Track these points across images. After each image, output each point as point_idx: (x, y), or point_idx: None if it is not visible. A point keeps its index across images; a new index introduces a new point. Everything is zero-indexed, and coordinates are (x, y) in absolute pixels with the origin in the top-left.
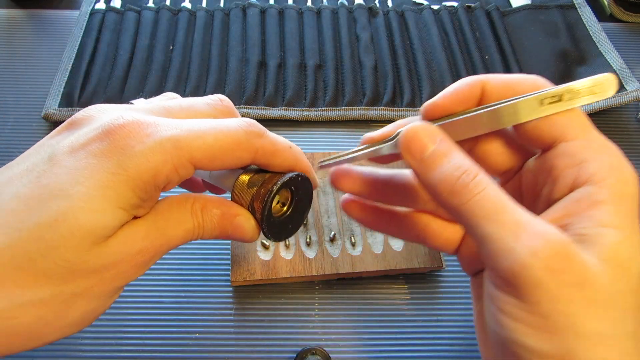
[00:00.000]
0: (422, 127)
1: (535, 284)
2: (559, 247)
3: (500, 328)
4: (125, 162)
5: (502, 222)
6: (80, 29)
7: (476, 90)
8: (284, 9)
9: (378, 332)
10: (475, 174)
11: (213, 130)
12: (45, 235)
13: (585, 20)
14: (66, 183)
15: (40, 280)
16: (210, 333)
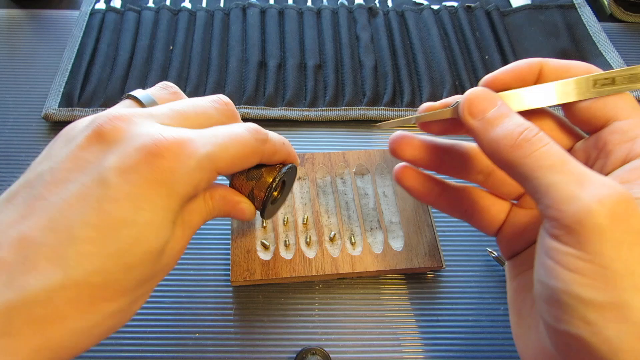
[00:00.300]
0: (483, 91)
1: (599, 231)
2: (625, 197)
3: (555, 280)
4: (175, 185)
5: (568, 172)
6: (80, 29)
7: (535, 69)
8: (284, 9)
9: (378, 332)
10: (537, 131)
11: (233, 142)
12: (125, 259)
13: (585, 20)
14: (131, 211)
15: (120, 294)
16: (210, 333)
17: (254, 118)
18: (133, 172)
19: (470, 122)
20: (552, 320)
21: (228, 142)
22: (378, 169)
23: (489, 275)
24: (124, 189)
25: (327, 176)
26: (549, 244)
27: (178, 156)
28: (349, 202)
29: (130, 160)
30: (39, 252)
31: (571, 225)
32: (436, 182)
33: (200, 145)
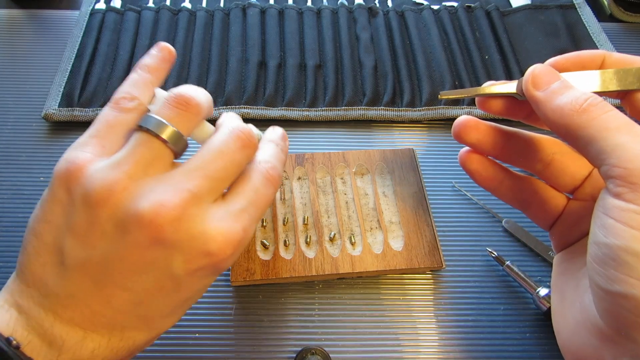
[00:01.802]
0: (547, 67)
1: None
2: None
3: (613, 237)
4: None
5: (635, 133)
6: (80, 29)
7: (597, 60)
8: (284, 9)
9: (378, 332)
10: (602, 99)
11: (265, 206)
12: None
13: (585, 20)
14: (192, 295)
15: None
16: (210, 333)
17: (254, 118)
18: (199, 271)
19: (535, 93)
20: (606, 282)
21: (264, 208)
22: (378, 169)
23: (489, 275)
24: (192, 286)
25: (327, 176)
26: (612, 203)
27: (234, 255)
28: (349, 202)
29: (196, 264)
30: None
31: (636, 181)
32: (500, 169)
33: (249, 232)
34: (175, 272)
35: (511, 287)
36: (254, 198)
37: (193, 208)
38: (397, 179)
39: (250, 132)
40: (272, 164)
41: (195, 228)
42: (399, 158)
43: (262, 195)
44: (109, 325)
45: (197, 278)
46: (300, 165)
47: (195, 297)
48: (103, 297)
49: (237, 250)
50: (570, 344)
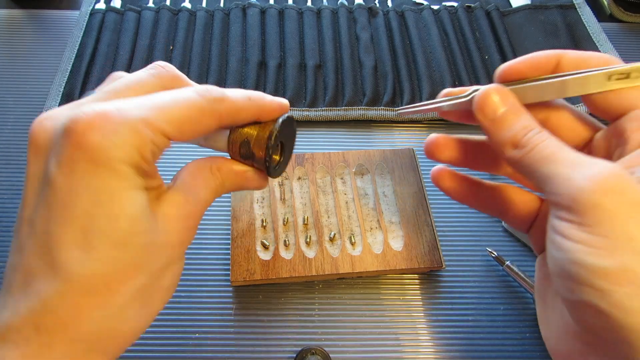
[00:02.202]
0: (495, 90)
1: (593, 205)
2: (613, 174)
3: (563, 252)
4: (112, 156)
5: (562, 159)
6: (80, 29)
7: (552, 60)
8: (284, 9)
9: (378, 332)
10: (539, 130)
11: (175, 103)
12: (111, 240)
13: (585, 20)
14: (87, 200)
15: (131, 272)
16: (210, 333)
17: None
18: (70, 163)
19: (482, 120)
20: (567, 293)
21: (168, 104)
22: (378, 169)
23: (489, 275)
24: (71, 184)
25: (327, 176)
26: (555, 222)
27: (103, 127)
28: (349, 202)
29: (63, 153)
30: (36, 268)
31: (569, 204)
32: (472, 183)
33: (129, 112)
34: (51, 179)
35: (511, 287)
36: (160, 96)
37: (66, 109)
38: (397, 179)
39: (169, 65)
40: (210, 87)
41: (60, 120)
42: (399, 158)
43: (177, 96)
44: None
45: (71, 172)
46: (300, 165)
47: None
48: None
49: (103, 125)
50: (557, 350)
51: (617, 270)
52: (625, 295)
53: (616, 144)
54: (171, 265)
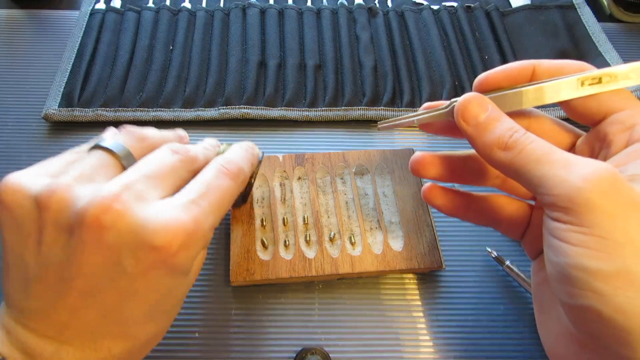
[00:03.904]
0: (475, 97)
1: (591, 206)
2: (608, 173)
3: (562, 256)
4: (190, 264)
5: (554, 161)
6: (80, 29)
7: (528, 70)
8: (284, 9)
9: (378, 332)
10: (524, 132)
11: (224, 199)
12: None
13: (585, 20)
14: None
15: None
16: (210, 333)
17: (254, 118)
18: (151, 269)
19: (465, 127)
20: (566, 297)
21: (222, 203)
22: (378, 169)
23: (489, 275)
24: (151, 287)
25: (327, 176)
26: (552, 225)
27: (187, 249)
28: (349, 202)
29: (145, 260)
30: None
31: (566, 205)
32: (462, 196)
33: (204, 224)
34: (127, 271)
35: (511, 287)
36: (204, 190)
37: (134, 202)
38: (397, 179)
39: (183, 147)
40: (228, 159)
41: (136, 222)
42: (399, 158)
43: (215, 187)
44: (79, 336)
45: (153, 277)
46: (300, 165)
47: (166, 301)
48: (68, 308)
49: (189, 244)
50: (555, 352)
51: (618, 273)
52: (626, 298)
53: (599, 148)
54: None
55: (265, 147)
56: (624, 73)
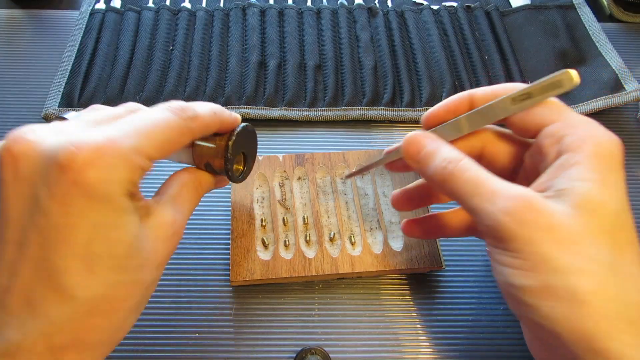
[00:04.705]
0: (414, 135)
1: (512, 235)
2: (526, 202)
3: (499, 275)
4: (110, 190)
5: (481, 194)
6: (80, 29)
7: (465, 101)
8: (284, 9)
9: (378, 332)
10: (458, 160)
11: (157, 127)
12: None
13: (585, 20)
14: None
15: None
16: (210, 333)
17: (254, 118)
18: (66, 198)
19: (411, 164)
20: (512, 309)
21: (152, 129)
22: (378, 169)
23: (489, 275)
24: (68, 217)
25: (327, 176)
26: (490, 249)
27: (99, 163)
28: (349, 202)
29: (58, 187)
30: (40, 292)
31: (495, 235)
32: (439, 220)
33: (120, 143)
34: (44, 206)
35: None
36: (132, 116)
37: (51, 133)
38: (397, 179)
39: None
40: (181, 104)
41: (48, 147)
42: None
43: (147, 116)
44: (18, 299)
45: (71, 208)
46: (300, 165)
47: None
48: (6, 266)
49: (97, 161)
50: (537, 356)
51: (540, 288)
52: (549, 308)
53: (539, 160)
54: (158, 279)
55: (265, 147)
56: (551, 84)
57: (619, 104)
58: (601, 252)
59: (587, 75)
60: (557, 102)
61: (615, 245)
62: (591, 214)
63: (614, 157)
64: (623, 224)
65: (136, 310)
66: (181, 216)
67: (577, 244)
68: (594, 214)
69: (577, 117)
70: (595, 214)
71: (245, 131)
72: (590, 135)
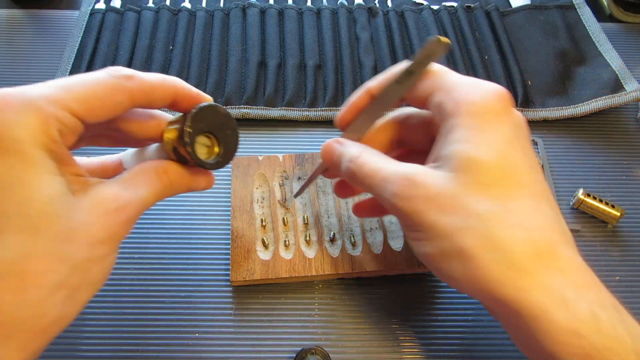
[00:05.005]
0: (325, 144)
1: (405, 213)
2: (407, 180)
3: (412, 249)
4: (15, 135)
5: (377, 184)
6: (80, 29)
7: (364, 96)
8: (284, 9)
9: (378, 332)
10: (357, 157)
11: (80, 81)
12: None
13: (585, 20)
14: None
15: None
16: (210, 333)
17: (254, 118)
18: None
19: (333, 170)
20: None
21: (74, 82)
22: None
23: None
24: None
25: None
26: (400, 225)
27: (3, 108)
28: (349, 202)
29: None
30: None
31: (396, 215)
32: (372, 202)
33: (31, 91)
34: None
35: None
36: (65, 78)
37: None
38: None
39: None
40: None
41: None
42: None
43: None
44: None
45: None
46: (300, 166)
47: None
48: None
49: (4, 105)
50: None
51: (437, 253)
52: (449, 269)
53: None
54: (99, 260)
55: (265, 147)
56: (425, 55)
57: (619, 104)
58: (481, 207)
59: (587, 75)
60: (437, 71)
61: (497, 197)
62: (468, 173)
63: (490, 110)
64: (505, 175)
65: (64, 293)
66: (131, 195)
67: (455, 206)
68: (470, 173)
69: (454, 80)
70: (472, 171)
71: (212, 110)
72: (464, 95)
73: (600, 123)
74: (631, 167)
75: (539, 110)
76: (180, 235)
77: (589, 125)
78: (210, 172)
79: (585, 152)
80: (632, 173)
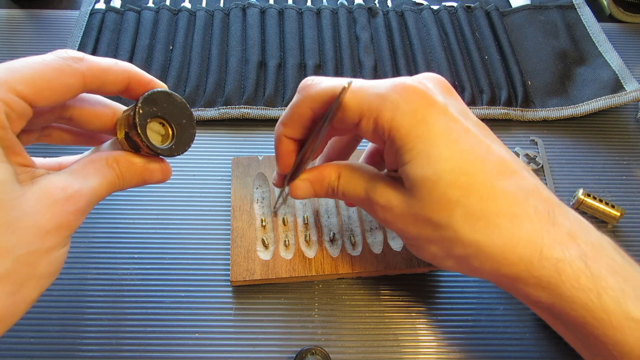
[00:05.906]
0: (293, 185)
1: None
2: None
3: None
4: None
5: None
6: (80, 29)
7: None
8: (284, 9)
9: (378, 332)
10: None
11: (26, 63)
12: None
13: (585, 20)
14: None
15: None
16: (210, 333)
17: (254, 118)
18: None
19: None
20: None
21: (21, 64)
22: None
23: None
24: None
25: None
26: None
27: None
28: None
29: None
30: None
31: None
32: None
33: None
34: None
35: None
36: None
37: None
38: None
39: None
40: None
41: None
42: None
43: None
44: None
45: None
46: None
47: None
48: None
49: None
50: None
51: (418, 239)
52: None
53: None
54: (47, 252)
55: (265, 147)
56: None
57: (619, 104)
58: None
59: (587, 75)
60: (349, 100)
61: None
62: (422, 190)
63: (412, 123)
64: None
65: (7, 286)
66: (81, 185)
67: (422, 218)
68: (425, 189)
69: (365, 99)
70: (426, 188)
71: (166, 96)
72: (388, 119)
73: (600, 123)
74: (631, 167)
75: (539, 110)
76: (180, 235)
77: (588, 125)
78: (165, 162)
79: (585, 152)
80: (632, 173)
